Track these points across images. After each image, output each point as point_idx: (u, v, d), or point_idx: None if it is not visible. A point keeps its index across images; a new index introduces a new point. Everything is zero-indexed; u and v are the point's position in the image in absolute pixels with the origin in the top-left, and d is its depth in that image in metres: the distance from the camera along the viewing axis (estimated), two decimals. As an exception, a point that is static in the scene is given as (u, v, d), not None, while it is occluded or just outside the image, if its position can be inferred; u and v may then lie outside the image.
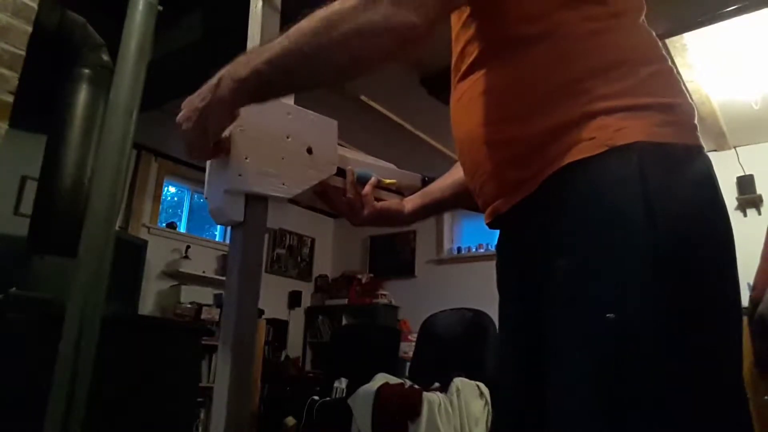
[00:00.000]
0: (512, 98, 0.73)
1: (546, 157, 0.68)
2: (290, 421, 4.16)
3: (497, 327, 0.90)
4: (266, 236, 0.98)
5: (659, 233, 0.60)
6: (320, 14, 0.68)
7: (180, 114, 0.78)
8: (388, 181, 1.04)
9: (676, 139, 0.66)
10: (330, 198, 0.99)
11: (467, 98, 0.79)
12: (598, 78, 0.68)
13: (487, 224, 0.85)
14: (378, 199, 1.03)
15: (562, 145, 0.67)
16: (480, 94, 0.76)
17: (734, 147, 4.13)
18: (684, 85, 1.67)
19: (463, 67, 0.81)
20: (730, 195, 4.03)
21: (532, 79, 0.72)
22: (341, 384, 3.98)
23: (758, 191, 4.04)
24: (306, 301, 6.04)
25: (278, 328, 5.52)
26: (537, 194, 0.70)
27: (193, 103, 0.77)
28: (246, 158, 0.86)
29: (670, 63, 0.73)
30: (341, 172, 0.99)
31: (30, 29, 1.74)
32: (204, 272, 4.92)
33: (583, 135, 0.66)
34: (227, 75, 0.74)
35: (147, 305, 4.57)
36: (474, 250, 5.40)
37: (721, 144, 4.10)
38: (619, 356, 0.59)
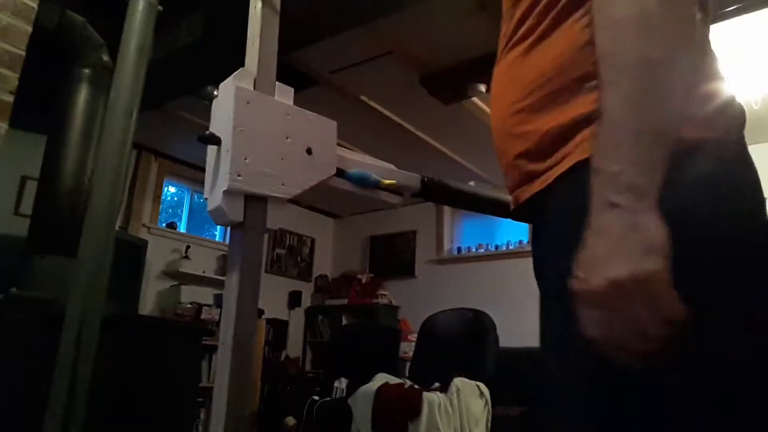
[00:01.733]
0: (533, 89, 0.69)
1: (561, 152, 0.64)
2: (290, 421, 4.16)
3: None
4: (266, 236, 0.98)
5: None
6: (617, 17, 0.53)
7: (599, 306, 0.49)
8: (387, 181, 1.04)
9: (685, 134, 0.59)
10: None
11: (497, 82, 0.77)
12: None
13: (511, 212, 0.81)
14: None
15: (575, 141, 0.63)
16: (509, 79, 0.73)
17: (734, 147, 4.13)
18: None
19: (502, 44, 0.77)
20: (730, 195, 4.02)
21: (552, 69, 0.67)
22: (341, 384, 3.99)
23: (758, 191, 4.04)
24: (306, 301, 6.04)
25: (278, 328, 5.52)
26: (551, 189, 0.66)
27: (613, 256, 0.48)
28: (246, 158, 0.86)
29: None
30: (341, 173, 0.99)
31: (30, 29, 1.74)
32: (204, 272, 4.92)
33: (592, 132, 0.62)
34: (609, 191, 0.50)
35: (147, 305, 4.57)
36: (474, 250, 5.40)
37: (721, 144, 4.10)
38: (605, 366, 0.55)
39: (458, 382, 3.30)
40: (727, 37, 2.93)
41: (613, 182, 0.50)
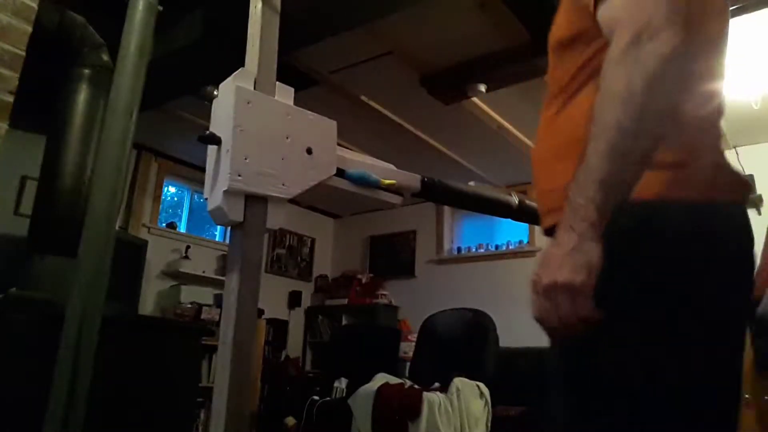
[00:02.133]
0: (561, 139, 0.84)
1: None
2: (290, 421, 4.16)
3: None
4: (266, 236, 0.98)
5: (616, 285, 0.69)
6: (611, 88, 0.68)
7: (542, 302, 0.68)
8: (387, 181, 1.04)
9: (652, 196, 0.72)
10: None
11: (541, 127, 0.92)
12: None
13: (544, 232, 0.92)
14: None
15: None
16: (546, 125, 0.89)
17: (734, 147, 4.13)
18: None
19: (548, 93, 0.92)
20: (730, 195, 4.01)
21: (575, 126, 0.80)
22: (341, 384, 3.99)
23: (758, 191, 4.04)
24: (306, 301, 6.03)
25: (278, 328, 5.51)
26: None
27: (554, 268, 0.67)
28: (246, 158, 0.86)
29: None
30: (341, 173, 0.99)
31: (30, 29, 1.74)
32: (204, 272, 4.92)
33: None
34: (573, 217, 0.67)
35: (147, 305, 4.57)
36: (474, 250, 5.39)
37: (721, 144, 4.09)
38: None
39: (458, 382, 3.30)
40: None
41: (575, 211, 0.67)
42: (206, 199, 0.91)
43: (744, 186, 0.79)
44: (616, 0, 0.72)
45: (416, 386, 3.37)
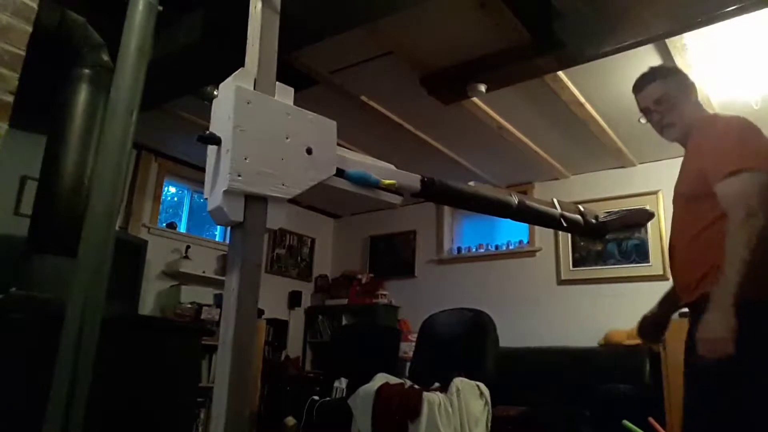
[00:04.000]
0: (698, 254, 1.55)
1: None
2: (290, 421, 4.17)
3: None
4: (266, 236, 0.98)
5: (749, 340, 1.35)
6: (734, 243, 1.37)
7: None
8: (387, 181, 1.04)
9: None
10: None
11: (686, 239, 1.63)
12: None
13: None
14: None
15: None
16: (690, 241, 1.60)
17: (734, 147, 4.12)
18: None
19: (691, 224, 1.60)
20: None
21: (707, 247, 1.52)
22: (341, 384, 3.99)
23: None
24: (306, 301, 6.03)
25: (278, 328, 5.51)
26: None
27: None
28: (246, 158, 0.87)
29: None
30: (341, 173, 0.99)
31: (30, 29, 1.74)
32: (204, 272, 4.92)
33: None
34: (719, 303, 1.36)
35: (147, 305, 4.57)
36: (474, 250, 5.39)
37: (721, 144, 4.08)
38: None
39: (458, 382, 3.29)
40: (727, 37, 2.93)
41: (721, 300, 1.35)
42: (206, 199, 0.91)
43: None
44: (732, 189, 1.41)
45: (416, 386, 3.37)
